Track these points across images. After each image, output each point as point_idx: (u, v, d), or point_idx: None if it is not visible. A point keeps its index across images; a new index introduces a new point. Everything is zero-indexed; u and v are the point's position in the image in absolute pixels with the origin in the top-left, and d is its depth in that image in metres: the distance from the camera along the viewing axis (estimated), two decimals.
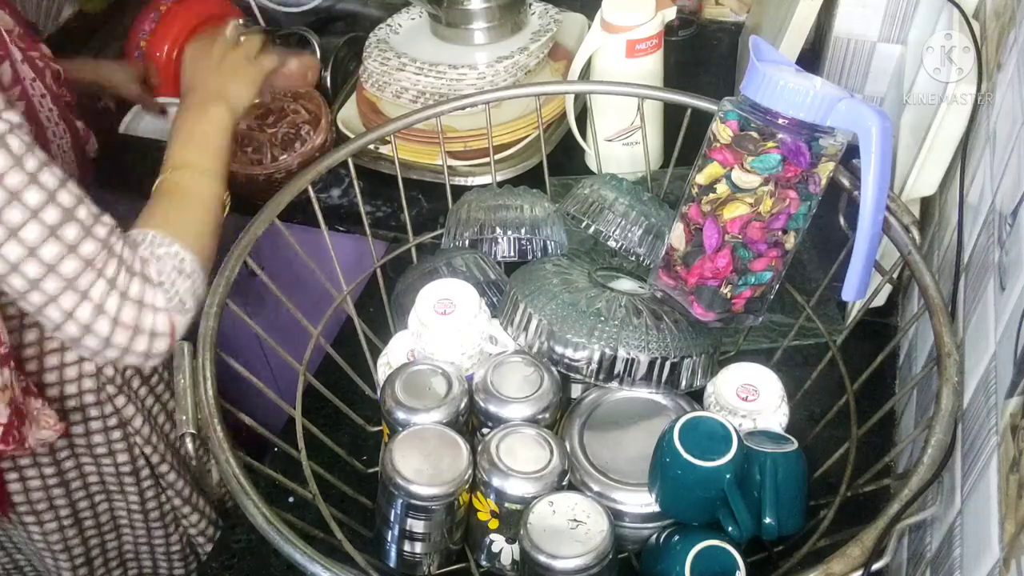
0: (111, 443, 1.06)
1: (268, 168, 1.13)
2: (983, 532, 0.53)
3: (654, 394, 0.76)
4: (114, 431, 1.05)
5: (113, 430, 1.05)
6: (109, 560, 1.18)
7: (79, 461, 1.06)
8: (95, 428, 1.03)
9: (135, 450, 1.08)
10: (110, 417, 1.04)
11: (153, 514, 1.15)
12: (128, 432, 1.06)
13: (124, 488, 1.10)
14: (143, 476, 1.10)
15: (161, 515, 1.15)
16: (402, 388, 0.73)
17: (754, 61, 0.67)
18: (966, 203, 0.76)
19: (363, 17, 1.49)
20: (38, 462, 1.02)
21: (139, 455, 1.08)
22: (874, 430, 0.74)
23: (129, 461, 1.08)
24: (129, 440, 1.07)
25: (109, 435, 1.05)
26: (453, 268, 0.84)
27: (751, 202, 0.69)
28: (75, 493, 1.08)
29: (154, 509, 1.14)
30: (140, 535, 1.17)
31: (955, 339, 0.66)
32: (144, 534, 1.17)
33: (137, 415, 1.06)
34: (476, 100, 0.93)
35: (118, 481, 1.09)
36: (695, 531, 0.66)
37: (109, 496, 1.12)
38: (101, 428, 1.04)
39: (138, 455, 1.08)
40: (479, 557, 0.73)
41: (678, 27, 1.39)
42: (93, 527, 1.13)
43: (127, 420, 1.05)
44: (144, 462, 1.09)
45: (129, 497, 1.12)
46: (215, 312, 0.71)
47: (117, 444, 1.06)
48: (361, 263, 0.98)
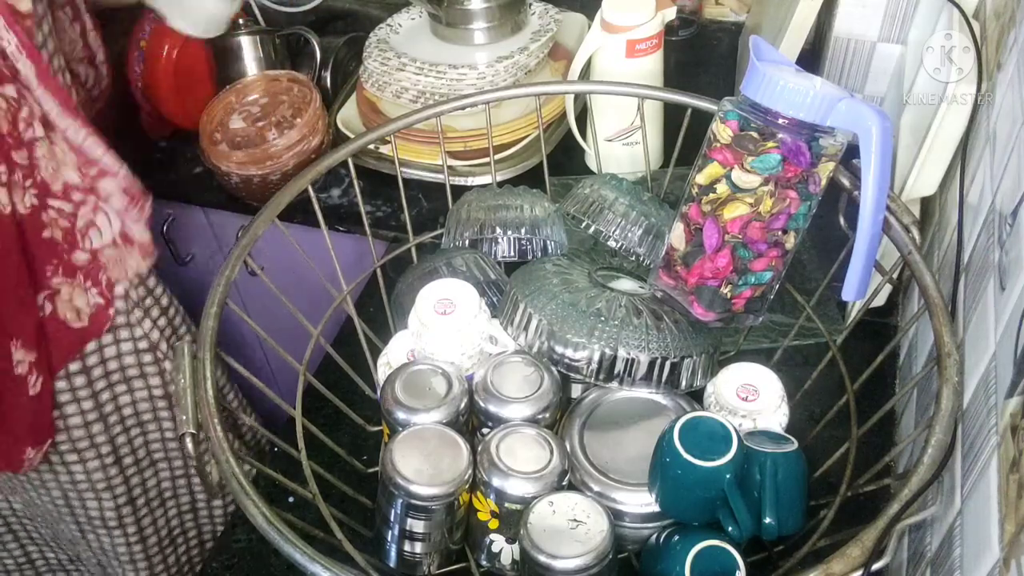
0: (142, 365, 1.08)
1: (264, 169, 1.13)
2: (983, 532, 0.53)
3: (654, 394, 0.76)
4: (145, 354, 1.08)
5: (144, 352, 1.07)
6: (150, 500, 1.20)
7: (114, 391, 1.07)
8: (126, 350, 1.06)
9: (166, 375, 1.10)
10: (140, 340, 1.07)
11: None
12: (158, 356, 1.08)
13: (158, 415, 1.13)
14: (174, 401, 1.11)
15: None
16: (402, 388, 0.73)
17: (754, 61, 0.67)
18: (966, 203, 0.76)
19: (363, 17, 1.49)
20: (77, 396, 1.04)
21: (170, 380, 1.10)
22: (874, 430, 0.74)
23: (161, 384, 1.11)
24: (159, 364, 1.09)
25: (140, 357, 1.07)
26: (453, 268, 0.84)
27: (751, 202, 0.69)
28: (113, 428, 1.10)
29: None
30: (177, 466, 1.18)
31: (955, 339, 0.66)
32: (181, 466, 1.18)
33: (162, 339, 1.09)
34: (476, 100, 0.93)
35: (152, 407, 1.11)
36: (695, 531, 0.66)
37: (144, 429, 1.14)
38: (132, 350, 1.06)
39: (169, 380, 1.10)
40: (479, 557, 0.73)
41: (678, 27, 1.39)
42: (132, 464, 1.15)
43: (155, 343, 1.07)
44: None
45: (163, 424, 1.14)
46: (215, 312, 0.71)
47: (149, 367, 1.09)
48: (361, 263, 0.98)
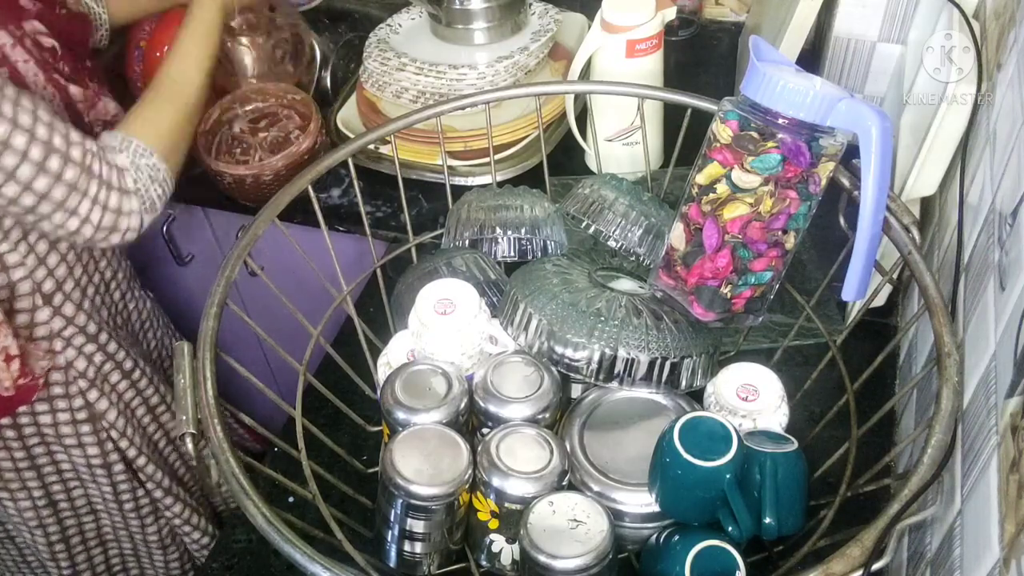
0: (80, 435, 1.06)
1: (253, 168, 1.13)
2: (983, 532, 0.53)
3: (654, 394, 0.76)
4: (83, 424, 1.05)
5: (82, 423, 1.05)
6: (88, 540, 1.19)
7: (49, 448, 1.06)
8: (63, 419, 1.04)
9: (107, 444, 1.08)
10: (79, 411, 1.04)
11: (128, 505, 1.15)
12: (100, 427, 1.06)
13: (96, 478, 1.11)
14: (115, 469, 1.11)
15: (136, 507, 1.16)
16: (402, 388, 0.73)
17: (754, 61, 0.67)
18: (966, 203, 0.76)
19: (363, 17, 1.49)
20: (8, 446, 1.03)
21: (112, 448, 1.09)
22: (874, 430, 0.74)
23: (100, 454, 1.08)
24: (100, 434, 1.07)
25: (78, 427, 1.05)
26: (453, 268, 0.84)
27: (751, 202, 0.69)
28: (47, 477, 1.09)
29: (128, 500, 1.14)
30: (117, 521, 1.18)
31: (955, 339, 0.66)
32: (121, 521, 1.17)
33: (111, 409, 1.07)
34: (476, 100, 0.93)
35: (90, 471, 1.10)
36: (695, 531, 0.66)
37: (83, 483, 1.12)
38: (69, 420, 1.04)
39: (111, 448, 1.09)
40: (479, 557, 0.73)
41: (678, 27, 1.39)
42: (68, 509, 1.14)
43: (100, 414, 1.05)
44: (118, 456, 1.09)
45: (102, 487, 1.12)
46: (215, 312, 0.71)
47: (86, 437, 1.07)
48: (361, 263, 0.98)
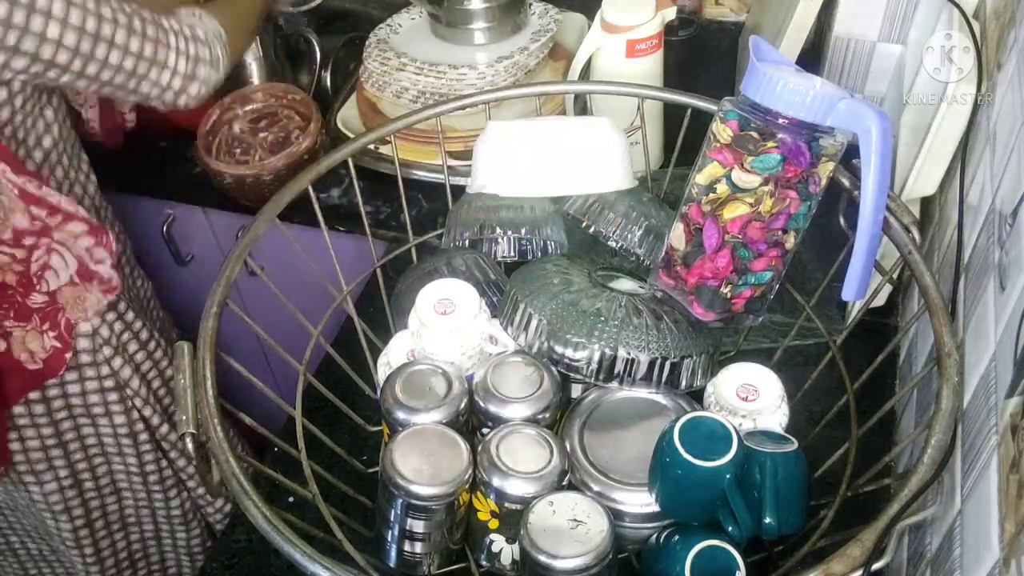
0: (108, 404, 1.07)
1: (254, 168, 1.14)
2: (983, 532, 0.53)
3: (654, 394, 0.76)
4: (110, 392, 1.07)
5: (109, 392, 1.07)
6: (111, 523, 1.20)
7: (76, 423, 1.07)
8: (91, 388, 1.05)
9: (133, 413, 1.09)
10: (106, 379, 1.05)
11: (152, 477, 1.16)
12: (125, 394, 1.08)
13: (122, 450, 1.12)
14: (141, 439, 1.12)
15: (161, 479, 1.17)
16: (402, 388, 0.73)
17: (754, 61, 0.67)
18: (966, 203, 0.76)
19: (363, 17, 1.49)
20: (36, 423, 1.04)
21: (137, 418, 1.10)
22: (874, 430, 0.74)
23: (126, 423, 1.10)
24: (126, 403, 1.09)
25: (106, 396, 1.07)
26: (453, 268, 0.84)
27: (751, 202, 0.69)
28: (73, 454, 1.10)
29: (153, 472, 1.15)
30: (141, 498, 1.18)
31: (955, 339, 0.66)
32: (144, 497, 1.18)
33: (135, 376, 1.08)
34: (476, 100, 0.92)
35: (116, 443, 1.11)
36: (695, 531, 0.66)
37: (107, 458, 1.13)
38: (97, 388, 1.05)
39: (136, 418, 1.10)
40: (479, 557, 0.73)
41: (678, 27, 1.39)
42: (93, 489, 1.15)
43: (124, 382, 1.07)
44: (143, 425, 1.11)
45: (127, 459, 1.13)
46: (215, 312, 0.71)
47: (114, 406, 1.08)
48: (361, 263, 0.98)
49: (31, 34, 0.82)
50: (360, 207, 0.91)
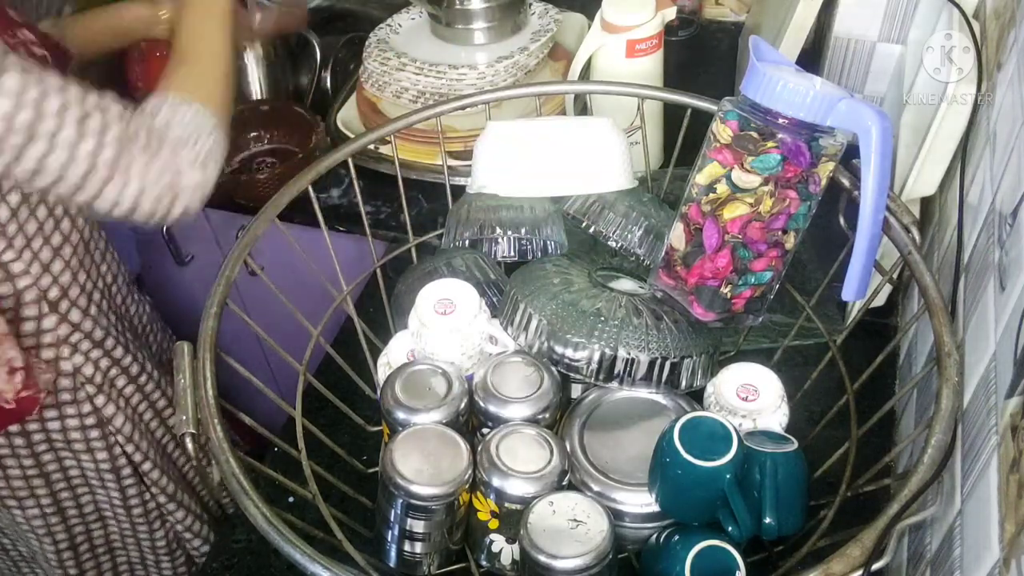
0: (89, 440, 1.06)
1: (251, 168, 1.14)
2: (983, 532, 0.53)
3: (654, 394, 0.76)
4: (92, 429, 1.05)
5: (91, 428, 1.05)
6: (96, 547, 1.19)
7: (58, 455, 1.06)
8: (72, 425, 1.03)
9: (115, 449, 1.08)
10: (88, 416, 1.04)
11: (136, 510, 1.15)
12: (108, 431, 1.06)
13: (105, 483, 1.11)
14: (124, 474, 1.10)
15: (145, 512, 1.16)
16: (402, 388, 0.73)
17: (754, 61, 0.67)
18: (966, 203, 0.76)
19: (363, 17, 1.49)
20: (16, 453, 1.02)
21: (120, 453, 1.09)
22: (874, 430, 0.74)
23: (108, 459, 1.08)
24: (108, 439, 1.07)
25: (87, 433, 1.05)
26: (453, 268, 0.84)
27: (751, 202, 0.69)
28: (56, 484, 1.09)
29: (137, 506, 1.14)
30: (125, 528, 1.17)
31: (955, 339, 0.66)
32: (129, 527, 1.17)
33: (119, 414, 1.06)
34: (476, 100, 0.93)
35: (99, 476, 1.10)
36: (695, 531, 0.66)
37: (91, 489, 1.12)
38: (78, 426, 1.04)
39: (119, 453, 1.08)
40: (479, 557, 0.73)
41: (678, 27, 1.39)
42: (76, 516, 1.14)
43: (107, 419, 1.05)
44: (125, 460, 1.09)
45: (111, 492, 1.12)
46: (215, 312, 0.71)
47: (95, 442, 1.06)
48: (361, 263, 0.98)
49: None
50: (360, 207, 0.91)
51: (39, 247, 0.94)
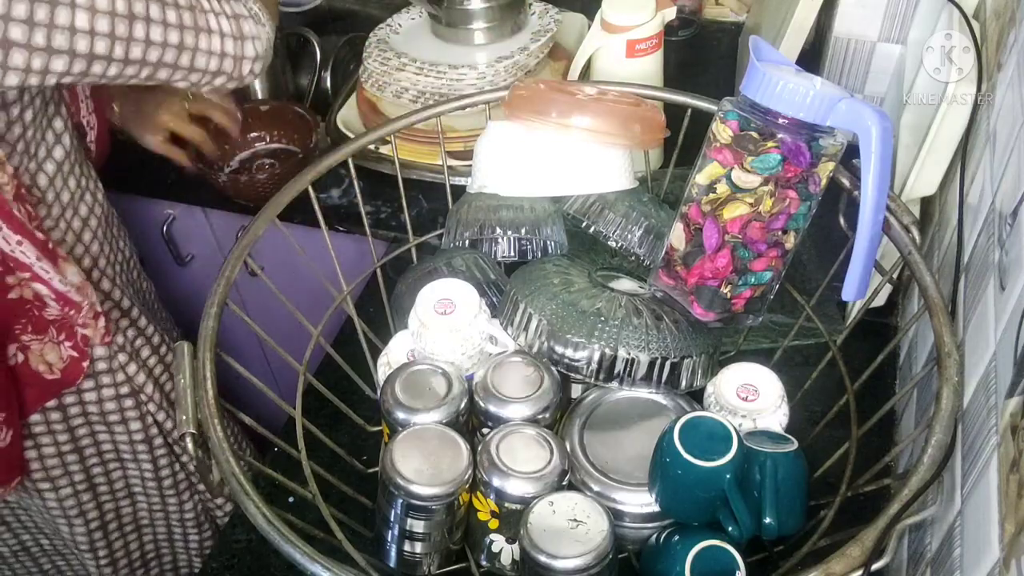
0: (123, 411, 1.08)
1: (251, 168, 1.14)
2: (983, 532, 0.53)
3: (654, 394, 0.76)
4: (126, 399, 1.07)
5: (125, 398, 1.07)
6: (124, 526, 1.20)
7: (92, 429, 1.08)
8: (107, 396, 1.05)
9: (148, 418, 1.10)
10: (122, 385, 1.06)
11: (167, 481, 1.17)
12: (140, 399, 1.08)
13: (137, 456, 1.13)
14: (156, 444, 1.12)
15: (175, 483, 1.18)
16: (402, 388, 0.73)
17: (754, 61, 0.67)
18: (966, 203, 0.76)
19: (363, 17, 1.49)
20: (52, 430, 1.04)
21: (152, 423, 1.11)
22: (874, 430, 0.74)
23: (142, 429, 1.10)
24: (141, 408, 1.09)
25: (121, 403, 1.07)
26: (453, 268, 0.84)
27: (751, 202, 0.69)
28: (89, 460, 1.10)
29: (168, 477, 1.16)
30: (155, 502, 1.19)
31: (955, 339, 0.66)
32: (158, 501, 1.19)
33: (149, 381, 1.09)
34: (476, 100, 0.93)
35: (131, 449, 1.12)
36: (695, 531, 0.66)
37: (123, 463, 1.14)
38: (113, 395, 1.06)
39: (151, 423, 1.11)
40: (479, 557, 0.73)
41: (678, 27, 1.39)
42: (107, 493, 1.15)
43: (139, 387, 1.07)
44: (157, 430, 1.12)
45: (143, 464, 1.14)
46: (215, 312, 0.71)
47: (129, 412, 1.08)
48: (361, 263, 0.98)
49: (59, 29, 0.78)
50: (360, 207, 0.91)
51: (71, 217, 0.98)
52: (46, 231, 0.91)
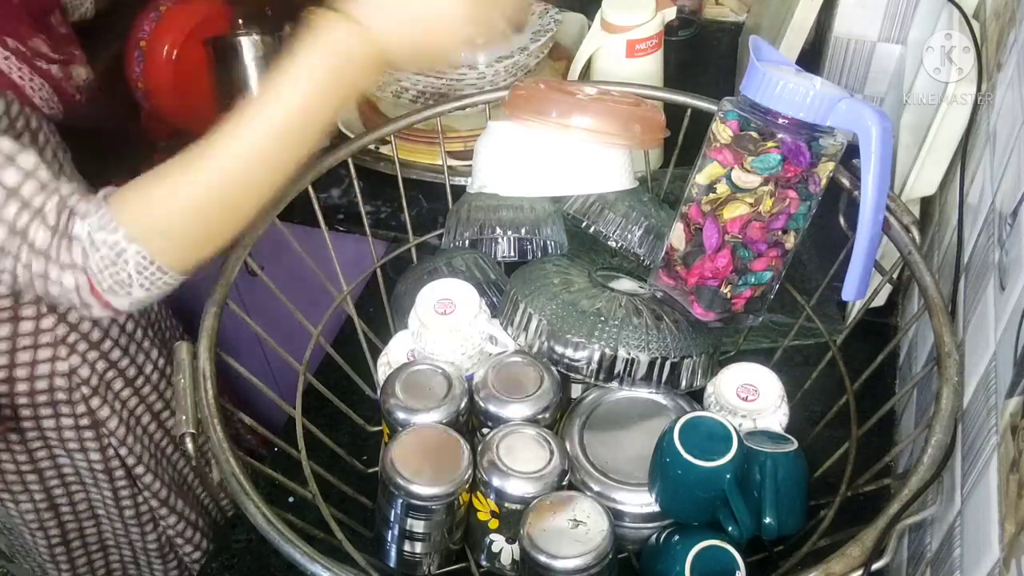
0: (83, 440, 1.06)
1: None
2: (983, 532, 0.53)
3: (654, 394, 0.76)
4: (86, 430, 1.05)
5: (85, 429, 1.05)
6: (88, 544, 1.19)
7: (52, 452, 1.06)
8: (66, 424, 1.04)
9: (109, 451, 1.08)
10: (82, 417, 1.04)
11: (128, 511, 1.15)
12: (101, 433, 1.06)
13: (98, 483, 1.11)
14: (117, 475, 1.11)
15: (137, 514, 1.16)
16: (402, 388, 0.73)
17: (754, 61, 0.67)
18: (966, 203, 0.76)
19: None
20: (11, 448, 1.03)
21: (113, 455, 1.09)
22: (874, 430, 0.74)
23: (102, 460, 1.08)
24: (102, 440, 1.07)
25: (81, 433, 1.05)
26: (453, 268, 0.84)
27: (751, 202, 0.69)
28: (49, 480, 1.09)
29: (129, 507, 1.14)
30: (118, 528, 1.18)
31: (955, 339, 0.66)
32: (121, 527, 1.17)
33: (113, 416, 1.06)
34: (476, 100, 0.93)
35: (92, 475, 1.10)
36: (695, 531, 0.66)
37: (85, 487, 1.12)
38: (72, 426, 1.04)
39: (112, 455, 1.09)
40: (479, 557, 0.73)
41: (678, 27, 1.39)
42: (70, 513, 1.14)
43: (101, 421, 1.05)
44: (119, 462, 1.10)
45: (103, 492, 1.12)
46: (215, 312, 0.71)
47: (89, 443, 1.07)
48: (361, 263, 0.98)
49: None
50: (360, 207, 0.91)
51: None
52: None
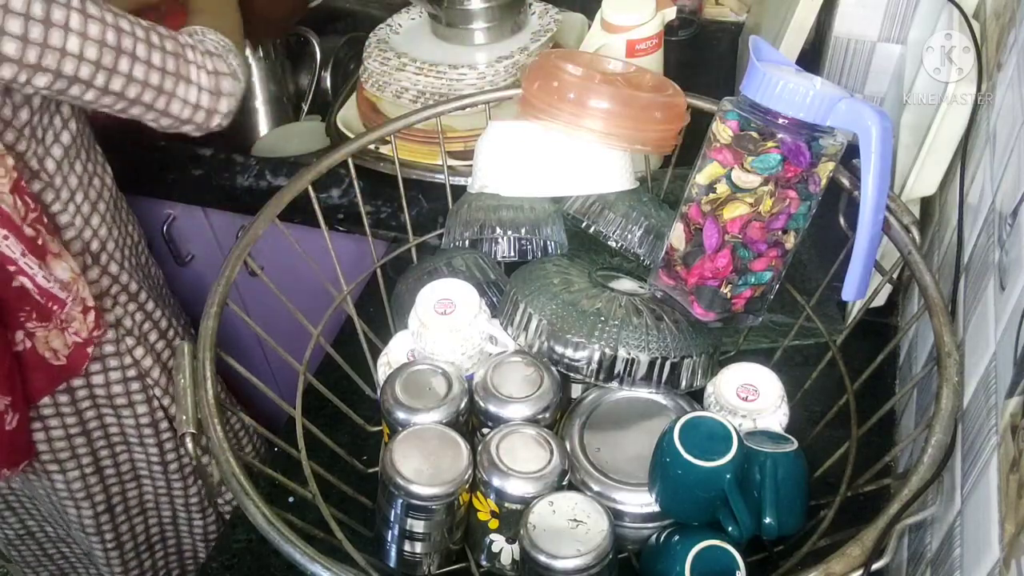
0: (130, 394, 1.10)
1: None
2: (983, 532, 0.53)
3: (654, 394, 0.76)
4: (133, 382, 1.09)
5: (132, 381, 1.09)
6: (130, 509, 1.22)
7: (100, 412, 1.09)
8: (114, 379, 1.07)
9: (154, 401, 1.12)
10: (129, 368, 1.08)
11: (172, 466, 1.18)
12: (147, 383, 1.10)
13: (144, 440, 1.14)
14: (162, 428, 1.14)
15: (180, 467, 1.19)
16: (402, 388, 0.73)
17: (754, 61, 0.67)
18: (966, 203, 0.76)
19: (363, 17, 1.49)
20: (60, 412, 1.06)
21: (158, 407, 1.12)
22: (874, 430, 0.74)
23: (148, 412, 1.12)
24: (148, 392, 1.11)
25: (128, 386, 1.09)
26: (453, 268, 0.84)
27: (751, 202, 0.69)
28: (96, 443, 1.12)
29: (173, 461, 1.18)
30: (160, 486, 1.21)
31: (955, 339, 0.66)
32: (164, 485, 1.21)
33: (156, 366, 1.10)
34: (476, 100, 0.93)
35: (138, 433, 1.13)
36: (695, 531, 0.66)
37: (129, 447, 1.16)
38: (120, 379, 1.07)
39: (157, 407, 1.12)
40: (479, 557, 0.73)
41: (678, 27, 1.39)
42: (114, 476, 1.17)
43: (146, 371, 1.09)
44: (163, 413, 1.14)
45: (149, 448, 1.15)
46: (215, 312, 0.71)
47: (136, 395, 1.10)
48: (361, 263, 0.98)
49: (51, 49, 0.80)
50: (360, 207, 0.91)
51: (80, 200, 1.00)
52: (45, 221, 0.91)
